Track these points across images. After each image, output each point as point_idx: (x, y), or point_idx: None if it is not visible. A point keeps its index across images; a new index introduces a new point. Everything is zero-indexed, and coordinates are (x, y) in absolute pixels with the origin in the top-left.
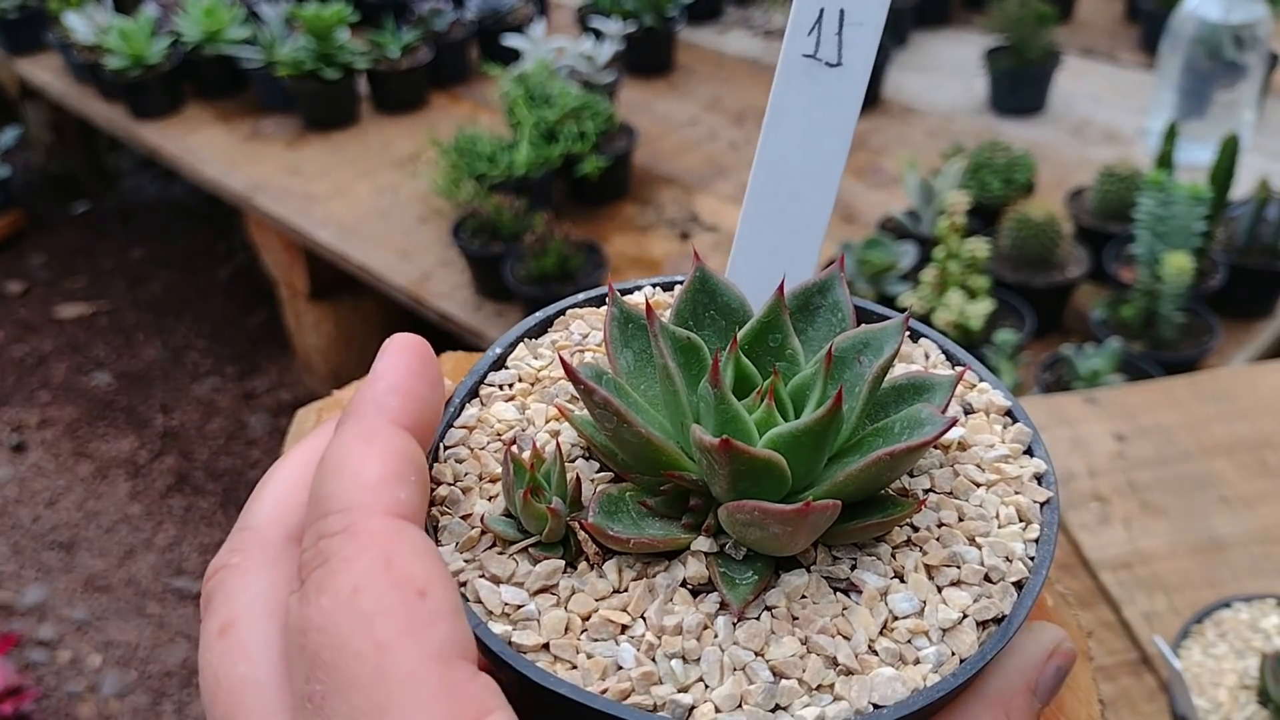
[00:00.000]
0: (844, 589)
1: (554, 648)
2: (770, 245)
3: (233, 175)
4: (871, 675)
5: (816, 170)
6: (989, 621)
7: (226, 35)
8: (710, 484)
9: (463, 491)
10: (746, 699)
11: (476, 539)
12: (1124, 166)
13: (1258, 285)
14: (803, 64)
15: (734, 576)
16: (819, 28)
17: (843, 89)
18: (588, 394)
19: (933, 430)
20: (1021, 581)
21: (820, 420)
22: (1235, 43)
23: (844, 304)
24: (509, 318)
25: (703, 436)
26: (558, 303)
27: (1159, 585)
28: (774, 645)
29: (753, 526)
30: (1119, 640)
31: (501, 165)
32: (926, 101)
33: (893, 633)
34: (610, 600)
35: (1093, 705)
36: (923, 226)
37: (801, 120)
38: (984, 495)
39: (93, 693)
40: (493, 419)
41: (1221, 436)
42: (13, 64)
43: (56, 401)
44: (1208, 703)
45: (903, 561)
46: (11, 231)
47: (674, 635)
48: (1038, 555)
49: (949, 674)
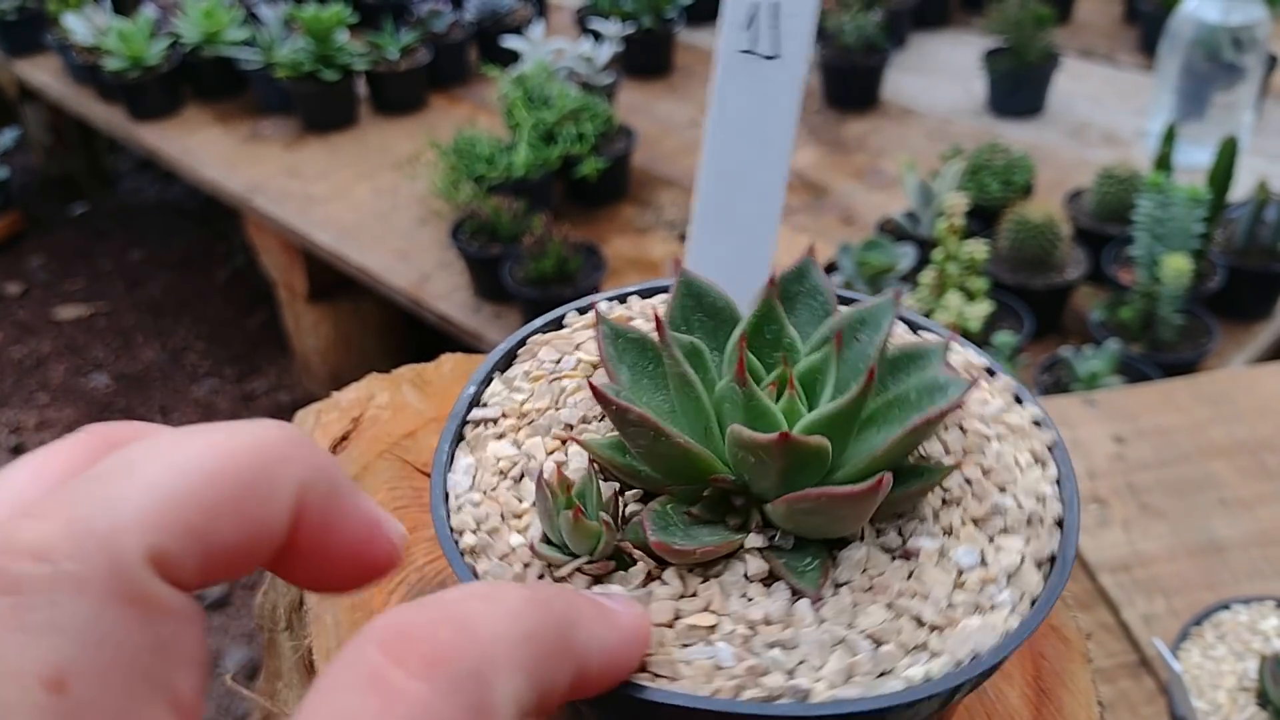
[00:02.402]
0: (901, 555)
1: (650, 664)
2: (726, 243)
3: (231, 177)
4: (960, 627)
5: (764, 163)
6: (1044, 561)
7: (225, 37)
8: (753, 481)
9: (490, 534)
10: (854, 671)
11: (523, 574)
12: (1123, 168)
13: (1257, 287)
14: (741, 60)
15: (797, 565)
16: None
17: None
18: (621, 414)
19: (957, 392)
20: (1059, 519)
21: (855, 400)
22: (1234, 44)
23: (823, 288)
24: (508, 319)
25: (754, 435)
26: (516, 334)
27: (1158, 587)
28: (863, 616)
29: (815, 514)
30: (1118, 642)
31: (500, 167)
32: (925, 103)
33: (964, 586)
34: (690, 604)
35: (1092, 708)
36: (921, 228)
37: (745, 115)
38: (999, 448)
39: None
40: (491, 459)
41: (1220, 438)
42: (11, 65)
43: (55, 403)
44: (1207, 705)
45: (948, 520)
46: (10, 233)
47: (765, 626)
48: (1065, 493)
49: (1026, 614)
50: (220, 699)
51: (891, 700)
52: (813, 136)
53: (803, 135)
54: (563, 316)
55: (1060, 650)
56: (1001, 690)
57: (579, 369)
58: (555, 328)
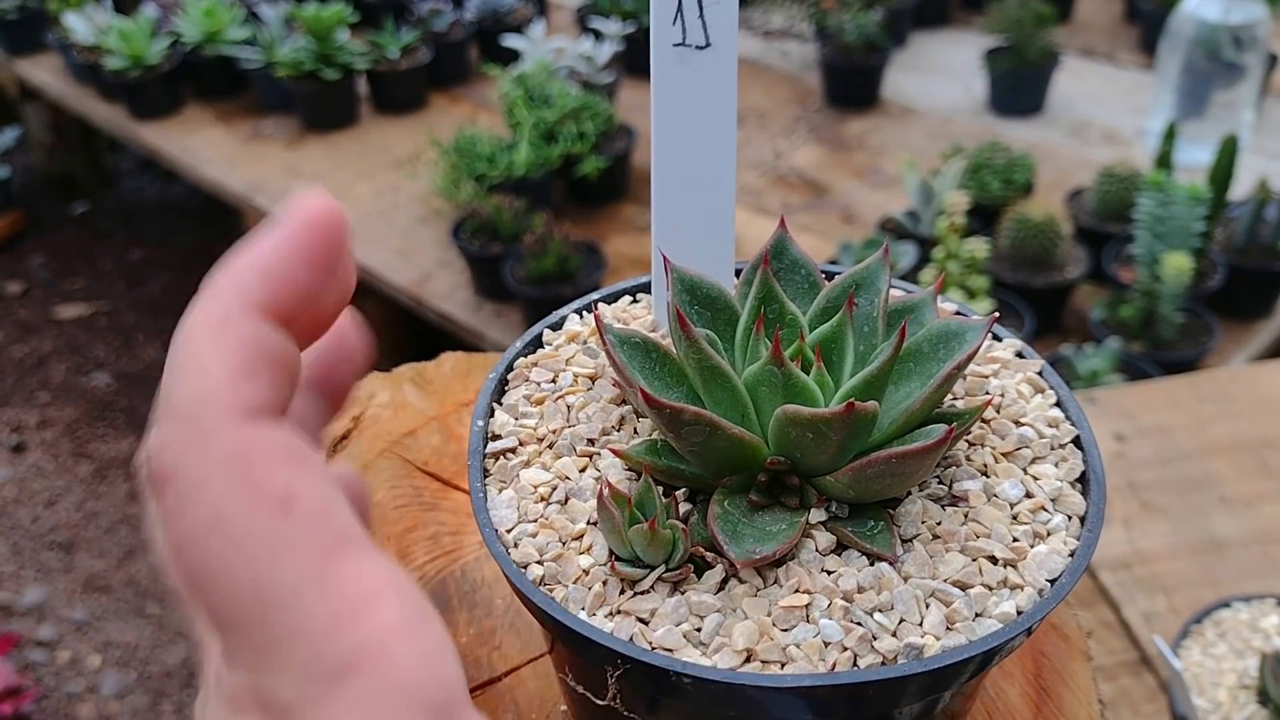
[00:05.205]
0: (950, 502)
1: (760, 653)
2: (687, 236)
3: (232, 176)
4: (1031, 556)
5: (711, 151)
6: (1076, 480)
7: (226, 36)
8: (805, 457)
9: (555, 560)
10: (953, 619)
11: (604, 593)
12: (1123, 167)
13: (1257, 285)
14: (674, 53)
15: (863, 531)
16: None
17: (717, 67)
18: (676, 415)
19: (976, 336)
20: (1076, 438)
21: (889, 360)
22: (1234, 43)
23: (803, 260)
24: (508, 318)
25: (815, 411)
26: (500, 361)
27: (1159, 585)
28: (942, 565)
29: (883, 476)
30: (1119, 640)
31: (501, 166)
32: (926, 102)
33: (1019, 518)
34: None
35: (1092, 705)
36: (922, 227)
37: (686, 107)
38: (999, 383)
39: (92, 693)
40: (529, 488)
41: (1221, 437)
42: (12, 65)
43: (56, 402)
44: (1207, 702)
45: (980, 460)
46: (11, 232)
47: (859, 594)
48: (1071, 413)
49: (1081, 533)
50: None
51: (997, 640)
52: (813, 135)
53: (804, 134)
54: (540, 335)
55: (1061, 648)
56: (1002, 688)
57: (578, 384)
58: (535, 346)
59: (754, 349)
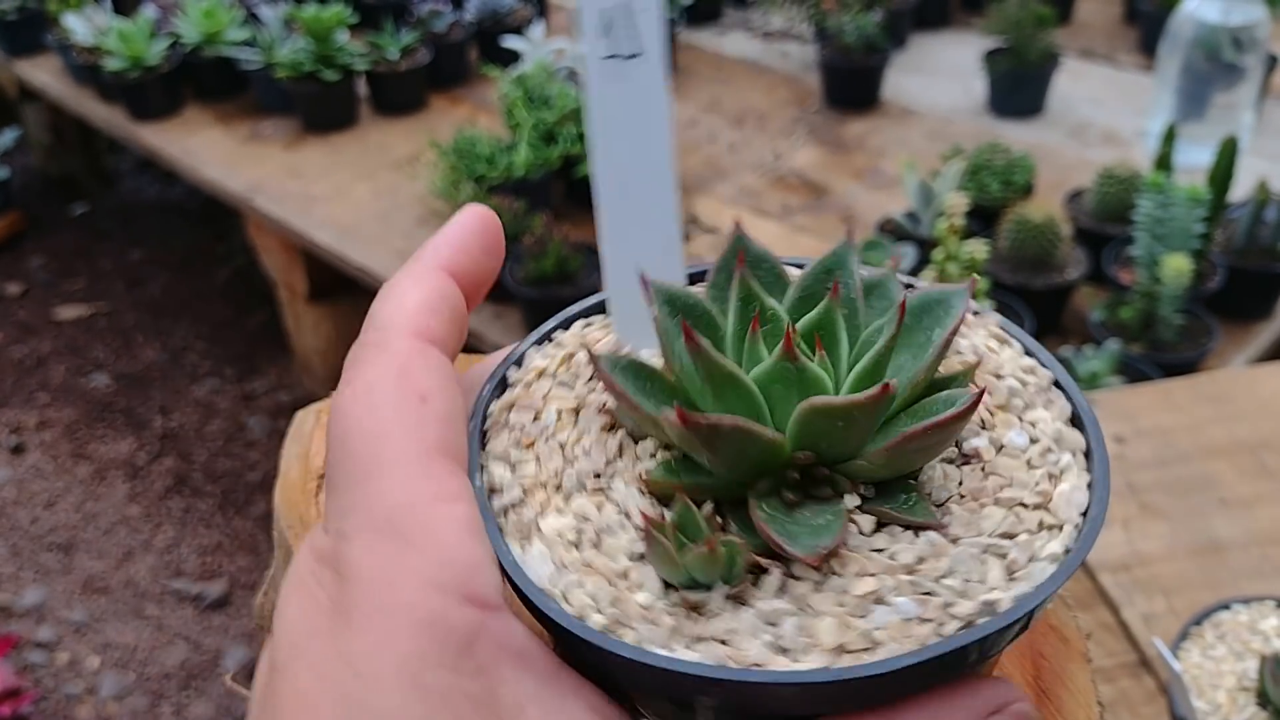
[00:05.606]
0: (962, 461)
1: (848, 646)
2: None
3: (232, 177)
4: (1058, 495)
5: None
6: (1068, 420)
7: (225, 37)
8: (830, 447)
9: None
10: (1012, 569)
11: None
12: (1123, 168)
13: (1257, 287)
14: (607, 66)
15: (900, 506)
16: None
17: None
18: (714, 429)
19: (961, 301)
20: (1055, 381)
21: (895, 336)
22: (1234, 45)
23: (765, 254)
24: (507, 319)
25: (849, 398)
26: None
27: (1158, 587)
28: (985, 521)
29: (919, 451)
30: (1118, 642)
31: (500, 167)
32: (925, 103)
33: (1031, 463)
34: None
35: (1091, 707)
36: (921, 228)
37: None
38: (967, 342)
39: (91, 694)
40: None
41: (1220, 438)
42: (12, 66)
43: (55, 403)
44: (1207, 705)
45: (979, 417)
46: (10, 233)
47: (919, 565)
48: (1043, 358)
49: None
50: (220, 699)
51: (1056, 582)
52: (813, 137)
53: (803, 135)
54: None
55: (1060, 650)
56: None
57: (563, 419)
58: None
59: (752, 349)
